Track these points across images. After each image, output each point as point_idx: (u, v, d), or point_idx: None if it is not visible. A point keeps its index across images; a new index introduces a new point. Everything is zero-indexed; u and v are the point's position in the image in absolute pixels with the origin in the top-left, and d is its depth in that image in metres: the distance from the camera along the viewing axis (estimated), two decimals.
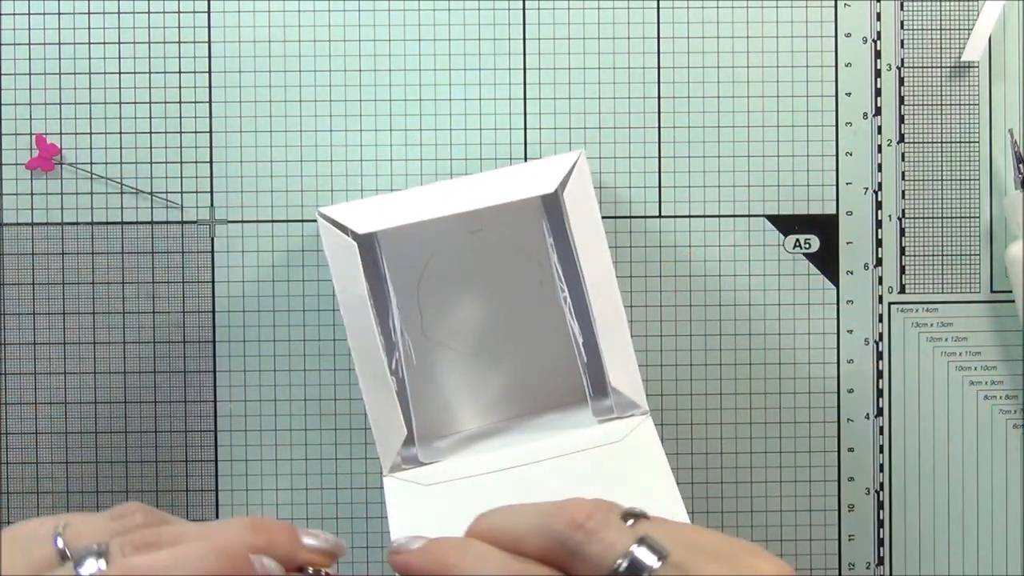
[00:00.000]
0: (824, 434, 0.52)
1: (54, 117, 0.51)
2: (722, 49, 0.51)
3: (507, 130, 0.51)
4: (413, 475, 0.44)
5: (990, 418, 0.52)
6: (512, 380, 0.49)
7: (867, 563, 0.51)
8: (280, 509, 0.51)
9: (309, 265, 0.51)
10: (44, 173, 0.51)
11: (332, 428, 0.51)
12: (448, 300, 0.49)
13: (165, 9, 0.51)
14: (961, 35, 0.52)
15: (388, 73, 0.51)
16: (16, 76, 0.51)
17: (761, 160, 0.52)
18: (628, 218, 0.51)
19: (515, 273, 0.49)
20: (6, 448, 0.51)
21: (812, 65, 0.52)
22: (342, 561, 0.51)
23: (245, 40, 0.51)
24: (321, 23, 0.51)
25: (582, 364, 0.46)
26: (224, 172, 0.51)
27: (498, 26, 0.51)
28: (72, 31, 0.51)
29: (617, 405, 0.45)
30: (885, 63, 0.52)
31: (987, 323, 0.52)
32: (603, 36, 0.51)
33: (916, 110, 0.52)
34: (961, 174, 0.52)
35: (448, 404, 0.49)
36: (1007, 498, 0.52)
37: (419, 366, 0.49)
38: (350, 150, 0.51)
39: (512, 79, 0.51)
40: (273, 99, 0.51)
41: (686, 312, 0.52)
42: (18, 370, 0.51)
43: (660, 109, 0.52)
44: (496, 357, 0.49)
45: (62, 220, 0.51)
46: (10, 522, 0.51)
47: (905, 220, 0.52)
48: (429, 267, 0.49)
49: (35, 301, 0.51)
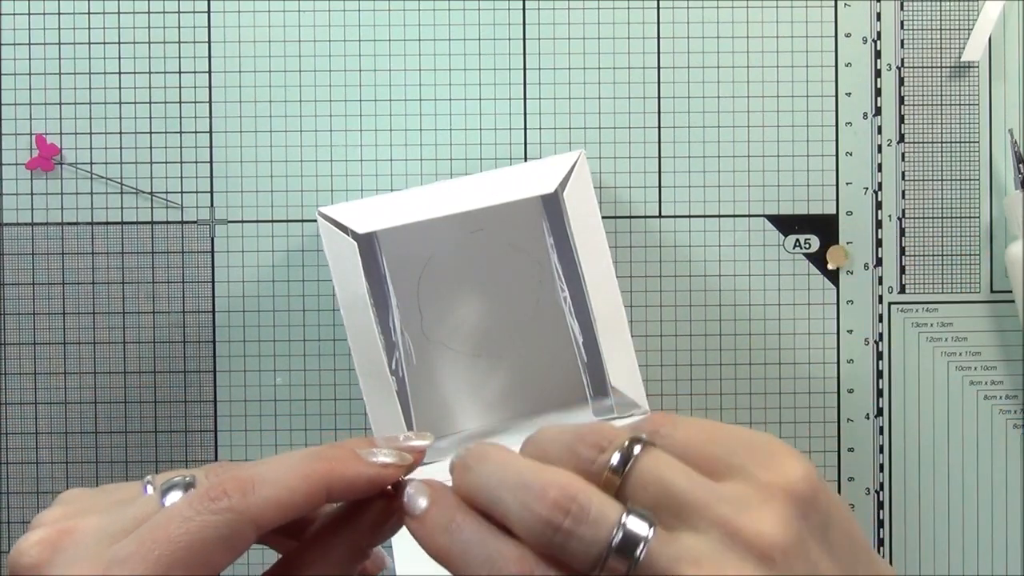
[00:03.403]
0: (824, 434, 0.52)
1: (54, 117, 0.51)
2: (722, 49, 0.51)
3: (507, 130, 0.51)
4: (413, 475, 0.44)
5: (990, 418, 0.52)
6: (512, 380, 0.49)
7: None
8: None
9: (309, 265, 0.51)
10: (44, 173, 0.51)
11: (332, 428, 0.51)
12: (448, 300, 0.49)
13: (165, 9, 0.51)
14: (961, 35, 0.52)
15: (388, 73, 0.51)
16: (16, 76, 0.51)
17: (761, 160, 0.52)
18: (628, 218, 0.51)
19: (515, 273, 0.49)
20: (6, 448, 0.51)
21: (812, 65, 0.52)
22: None
23: (245, 40, 0.51)
24: (321, 23, 0.51)
25: (582, 364, 0.46)
26: (224, 172, 0.51)
27: (498, 26, 0.51)
28: (72, 31, 0.51)
29: (617, 405, 0.45)
30: (885, 63, 0.52)
31: (987, 323, 0.52)
32: (603, 36, 0.51)
33: (916, 110, 0.52)
34: (961, 174, 0.52)
35: (448, 404, 0.49)
36: (1007, 498, 0.52)
37: (419, 366, 0.49)
38: (350, 150, 0.51)
39: (512, 79, 0.51)
40: (273, 99, 0.51)
41: (686, 312, 0.51)
42: (18, 370, 0.51)
43: (660, 109, 0.52)
44: (496, 357, 0.49)
45: (62, 220, 0.51)
46: (10, 522, 0.51)
47: (905, 220, 0.52)
48: (429, 267, 0.49)
49: (35, 301, 0.51)
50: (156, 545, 0.30)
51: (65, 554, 0.31)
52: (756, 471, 0.30)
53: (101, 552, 0.31)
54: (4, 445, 0.51)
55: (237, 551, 0.30)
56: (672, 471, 0.30)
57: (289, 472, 0.31)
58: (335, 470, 0.31)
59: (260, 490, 0.30)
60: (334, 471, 0.31)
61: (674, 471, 0.30)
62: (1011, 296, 0.51)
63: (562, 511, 0.29)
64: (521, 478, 0.30)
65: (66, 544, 0.31)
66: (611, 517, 0.29)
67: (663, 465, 0.30)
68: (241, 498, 0.30)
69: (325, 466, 0.31)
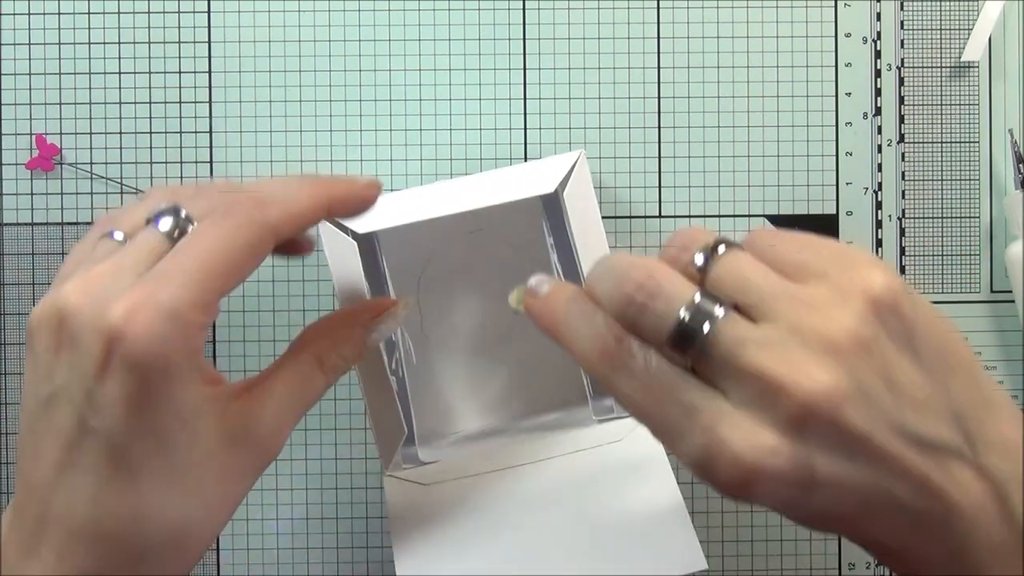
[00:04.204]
0: None
1: (54, 117, 0.51)
2: (722, 49, 0.52)
3: (507, 130, 0.51)
4: (413, 474, 0.44)
5: None
6: (512, 380, 0.49)
7: (867, 563, 0.51)
8: (280, 509, 0.51)
9: (309, 265, 0.51)
10: (44, 173, 0.51)
11: (332, 428, 0.51)
12: (448, 300, 0.49)
13: (165, 9, 0.51)
14: (961, 35, 0.52)
15: (388, 73, 0.51)
16: (16, 76, 0.51)
17: (761, 160, 0.52)
18: (628, 218, 0.51)
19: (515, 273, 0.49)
20: (6, 448, 0.51)
21: (812, 65, 0.52)
22: (342, 561, 0.51)
23: (245, 40, 0.51)
24: (321, 23, 0.51)
25: None
26: (224, 172, 0.51)
27: (498, 26, 0.51)
28: (72, 31, 0.51)
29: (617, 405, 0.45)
30: (885, 63, 0.52)
31: (987, 323, 0.52)
32: (603, 36, 0.51)
33: (916, 110, 0.52)
34: (961, 174, 0.52)
35: (448, 404, 0.49)
36: None
37: (419, 366, 0.49)
38: (350, 150, 0.51)
39: (512, 79, 0.51)
40: (273, 99, 0.51)
41: None
42: (18, 370, 0.51)
43: (660, 109, 0.52)
44: (496, 357, 0.49)
45: (62, 220, 0.51)
46: None
47: (905, 220, 0.52)
48: (429, 267, 0.49)
49: (35, 301, 0.51)
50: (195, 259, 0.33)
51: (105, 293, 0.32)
52: (838, 276, 0.31)
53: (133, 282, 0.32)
54: (4, 445, 0.51)
55: (259, 259, 0.34)
56: (751, 269, 0.32)
57: (296, 191, 0.36)
58: (333, 189, 0.36)
59: (273, 205, 0.35)
60: (332, 190, 0.36)
61: (754, 270, 0.31)
62: (1011, 296, 0.51)
63: (641, 289, 0.31)
64: (616, 265, 0.32)
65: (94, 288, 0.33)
66: (685, 295, 0.31)
67: (743, 263, 0.32)
68: (260, 211, 0.34)
69: (324, 187, 0.36)
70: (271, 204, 0.35)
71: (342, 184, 0.37)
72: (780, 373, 0.29)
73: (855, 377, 0.29)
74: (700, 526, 0.51)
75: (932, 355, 0.31)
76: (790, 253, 0.32)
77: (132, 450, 0.32)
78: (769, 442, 0.29)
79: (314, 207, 0.36)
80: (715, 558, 0.51)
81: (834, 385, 0.29)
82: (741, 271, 0.31)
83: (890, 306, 0.30)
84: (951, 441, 0.30)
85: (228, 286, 0.33)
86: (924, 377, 0.30)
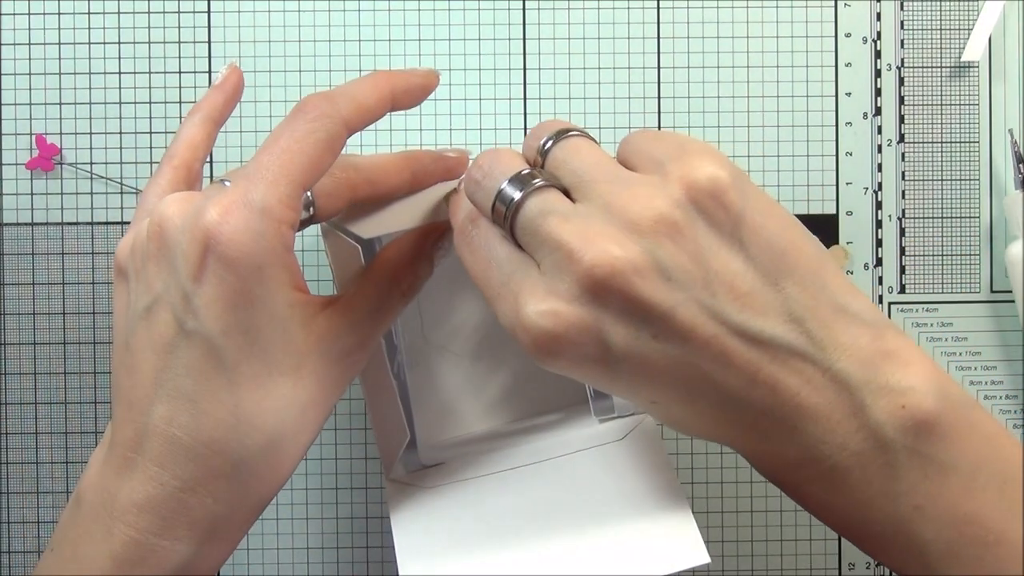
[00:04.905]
0: None
1: (54, 117, 0.51)
2: (722, 49, 0.51)
3: (507, 130, 0.51)
4: (415, 477, 0.44)
5: None
6: (513, 382, 0.49)
7: (867, 563, 0.51)
8: (280, 509, 0.51)
9: (309, 265, 0.51)
10: (44, 173, 0.51)
11: (332, 428, 0.51)
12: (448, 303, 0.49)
13: (165, 9, 0.51)
14: (961, 35, 0.52)
15: None
16: (16, 76, 0.51)
17: (761, 160, 0.52)
18: None
19: None
20: (6, 448, 0.51)
21: (812, 65, 0.52)
22: (343, 561, 0.51)
23: (245, 40, 0.51)
24: (321, 23, 0.51)
25: None
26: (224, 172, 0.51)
27: (498, 26, 0.51)
28: (72, 31, 0.51)
29: (618, 404, 0.45)
30: (885, 63, 0.52)
31: (987, 323, 0.52)
32: (603, 36, 0.51)
33: (916, 110, 0.52)
34: (961, 174, 0.52)
35: (449, 406, 0.49)
36: None
37: (420, 369, 0.49)
38: (349, 150, 0.51)
39: (512, 79, 0.51)
40: (273, 99, 0.51)
41: None
42: (18, 370, 0.51)
43: (660, 109, 0.52)
44: (497, 359, 0.49)
45: (62, 220, 0.51)
46: (10, 522, 0.51)
47: (905, 220, 0.52)
48: None
49: (35, 301, 0.51)
50: (278, 157, 0.34)
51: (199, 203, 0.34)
52: (670, 165, 0.32)
53: (223, 191, 0.34)
54: (4, 445, 0.51)
55: (336, 152, 0.35)
56: (586, 153, 0.33)
57: (362, 86, 0.37)
58: (394, 81, 0.38)
59: (341, 99, 0.36)
60: (394, 81, 0.38)
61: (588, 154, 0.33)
62: (1011, 296, 0.51)
63: (479, 169, 0.34)
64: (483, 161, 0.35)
65: (189, 201, 0.35)
66: (510, 172, 0.33)
67: (582, 148, 0.34)
68: (331, 105, 0.35)
69: (387, 80, 0.38)
70: (340, 99, 0.36)
71: (402, 76, 0.38)
72: (571, 242, 0.30)
73: (653, 255, 0.30)
74: (700, 526, 0.51)
75: (762, 252, 0.31)
76: (640, 143, 0.33)
77: (228, 351, 0.33)
78: (555, 307, 0.30)
79: (379, 98, 0.37)
80: (715, 558, 0.51)
81: (623, 257, 0.30)
82: (577, 154, 0.33)
83: (711, 194, 0.31)
84: (784, 337, 0.30)
85: (310, 180, 0.35)
86: (750, 271, 0.31)
